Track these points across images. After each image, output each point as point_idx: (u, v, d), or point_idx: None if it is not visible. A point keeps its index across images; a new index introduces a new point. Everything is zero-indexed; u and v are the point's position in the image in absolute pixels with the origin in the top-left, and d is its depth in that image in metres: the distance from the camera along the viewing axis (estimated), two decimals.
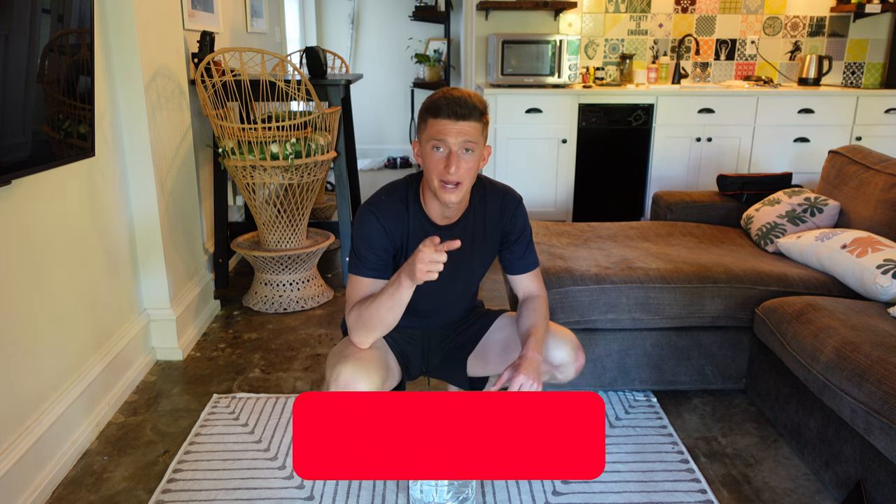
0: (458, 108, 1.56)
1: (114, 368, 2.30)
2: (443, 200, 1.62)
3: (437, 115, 1.57)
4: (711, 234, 2.82)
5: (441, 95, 1.59)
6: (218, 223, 3.31)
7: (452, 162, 1.56)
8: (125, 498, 1.85)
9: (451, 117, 1.56)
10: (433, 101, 1.59)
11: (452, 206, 1.65)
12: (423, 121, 1.61)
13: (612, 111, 4.17)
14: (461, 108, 1.56)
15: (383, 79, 6.84)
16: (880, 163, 2.60)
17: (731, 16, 4.56)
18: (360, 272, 1.68)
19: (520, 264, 1.83)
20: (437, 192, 1.61)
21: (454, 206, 1.65)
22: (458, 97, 1.57)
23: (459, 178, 1.59)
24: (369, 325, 1.63)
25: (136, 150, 2.47)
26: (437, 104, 1.58)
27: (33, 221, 1.89)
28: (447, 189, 1.60)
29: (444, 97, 1.58)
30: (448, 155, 1.57)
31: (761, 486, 1.92)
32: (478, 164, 1.63)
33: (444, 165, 1.58)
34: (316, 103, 2.92)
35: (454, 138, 1.56)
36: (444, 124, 1.56)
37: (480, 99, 1.60)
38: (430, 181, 1.62)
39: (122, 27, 2.34)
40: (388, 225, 1.67)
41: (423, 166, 1.64)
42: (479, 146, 1.60)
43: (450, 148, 1.57)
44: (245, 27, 4.12)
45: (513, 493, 1.85)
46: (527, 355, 1.63)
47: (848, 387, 1.71)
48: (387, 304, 1.59)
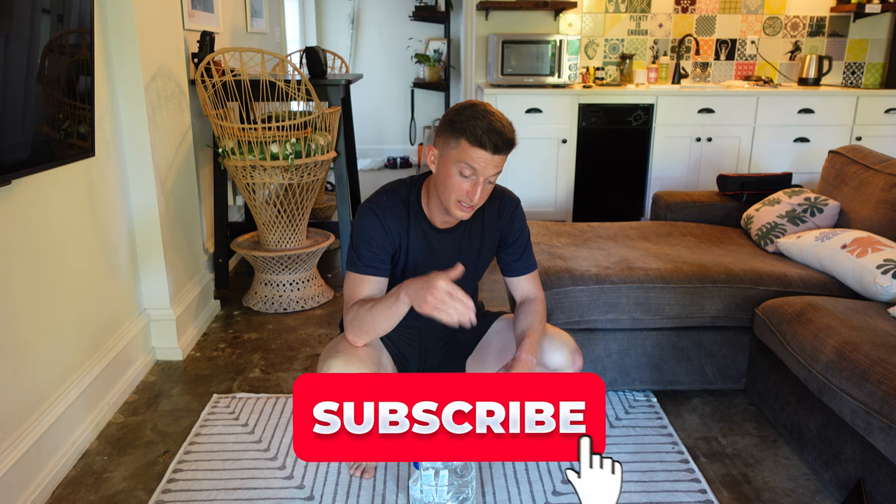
0: (500, 143, 1.52)
1: (114, 368, 2.30)
2: (454, 216, 1.63)
3: (476, 143, 1.52)
4: (711, 234, 2.82)
5: (485, 123, 1.52)
6: (218, 223, 3.31)
7: (477, 190, 1.56)
8: (125, 498, 1.85)
9: (488, 149, 1.51)
10: (473, 126, 1.52)
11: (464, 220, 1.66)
12: (454, 139, 1.55)
13: (612, 111, 4.17)
14: (502, 143, 1.52)
15: (383, 79, 6.84)
16: (880, 163, 2.60)
17: (731, 16, 4.56)
18: (358, 269, 1.68)
19: (517, 266, 1.83)
20: (451, 209, 1.61)
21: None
22: (500, 130, 1.52)
23: (481, 204, 1.60)
24: (364, 328, 1.63)
25: (136, 150, 2.47)
26: (477, 132, 1.51)
27: (33, 221, 1.89)
28: (464, 209, 1.60)
29: (488, 126, 1.51)
30: (475, 183, 1.56)
31: (761, 486, 1.92)
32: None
33: (467, 191, 1.57)
34: (316, 103, 2.92)
35: (485, 171, 1.54)
36: (481, 155, 1.52)
37: (513, 131, 1.56)
38: (444, 197, 1.61)
39: (122, 27, 2.34)
40: (388, 225, 1.68)
41: (438, 178, 1.61)
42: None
43: (479, 177, 1.55)
44: (245, 27, 4.12)
45: (513, 493, 1.85)
46: (520, 357, 1.63)
47: (848, 387, 1.71)
48: (384, 314, 1.58)
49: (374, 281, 1.69)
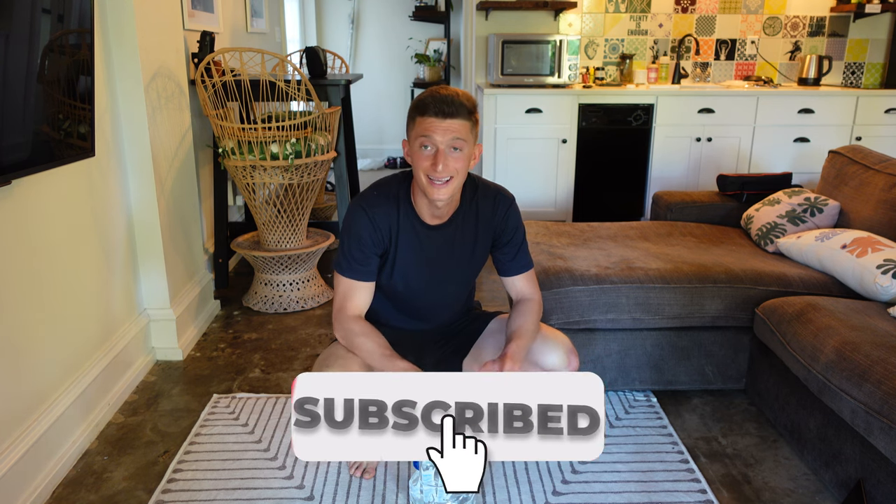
0: (446, 107, 1.55)
1: (114, 368, 2.30)
2: (430, 198, 1.62)
3: (425, 113, 1.57)
4: (711, 234, 2.81)
5: (429, 94, 1.59)
6: (218, 223, 3.31)
7: (440, 160, 1.56)
8: (125, 498, 1.85)
9: (437, 115, 1.55)
10: (421, 100, 1.59)
11: (441, 203, 1.64)
12: (411, 119, 1.62)
13: (612, 111, 4.17)
14: (448, 107, 1.55)
15: (383, 79, 6.84)
16: (880, 163, 2.60)
17: (731, 16, 4.56)
18: (347, 273, 1.69)
19: (512, 266, 1.82)
20: (426, 190, 1.61)
21: (443, 204, 1.65)
22: (445, 95, 1.57)
23: (448, 175, 1.59)
24: (354, 349, 1.67)
25: (136, 150, 2.47)
26: (424, 102, 1.58)
27: (33, 221, 1.89)
28: (435, 186, 1.59)
29: (431, 95, 1.58)
30: (435, 153, 1.57)
31: (761, 486, 1.92)
32: (467, 163, 1.63)
33: (430, 163, 1.57)
34: (316, 103, 2.92)
35: (441, 136, 1.56)
36: (430, 122, 1.56)
37: (469, 97, 1.60)
38: (418, 179, 1.62)
39: (122, 27, 2.34)
40: (377, 221, 1.67)
41: (411, 165, 1.64)
42: (468, 144, 1.60)
43: (437, 146, 1.57)
44: (245, 27, 4.12)
45: (513, 493, 1.85)
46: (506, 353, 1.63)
47: (848, 387, 1.71)
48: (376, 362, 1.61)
49: (365, 288, 1.71)
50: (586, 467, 1.95)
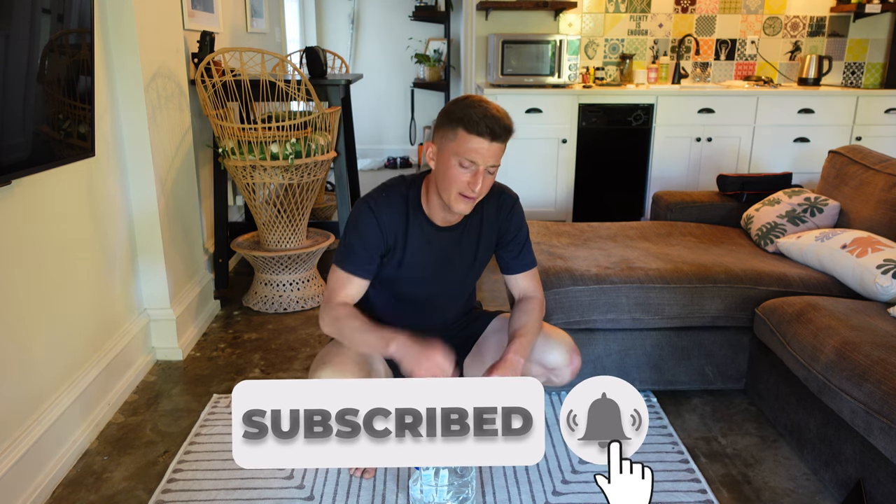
0: (496, 128, 1.51)
1: (114, 368, 2.30)
2: (455, 210, 1.62)
3: (473, 130, 1.51)
4: (711, 234, 2.81)
5: (476, 110, 1.52)
6: (218, 223, 3.31)
7: (478, 180, 1.55)
8: (125, 498, 1.85)
9: (485, 136, 1.51)
10: (469, 114, 1.52)
11: (464, 215, 1.65)
12: (451, 130, 1.54)
13: (612, 111, 4.17)
14: (499, 129, 1.52)
15: (383, 79, 6.83)
16: (880, 163, 2.60)
17: (731, 16, 4.56)
18: (346, 268, 1.69)
19: (516, 264, 1.82)
20: (452, 203, 1.60)
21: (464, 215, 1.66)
22: (495, 116, 1.52)
23: (482, 195, 1.60)
24: (342, 337, 1.66)
25: (136, 150, 2.47)
26: (473, 119, 1.51)
27: (33, 221, 1.89)
28: (465, 201, 1.59)
29: (480, 112, 1.51)
30: (475, 173, 1.55)
31: (761, 486, 1.92)
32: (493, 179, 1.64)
33: (467, 182, 1.56)
34: (316, 103, 2.92)
35: (484, 160, 1.54)
36: (478, 143, 1.51)
37: (510, 120, 1.56)
38: (445, 191, 1.60)
39: (122, 27, 2.34)
40: (383, 222, 1.67)
41: (438, 173, 1.61)
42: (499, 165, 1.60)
43: (478, 167, 1.55)
44: (245, 27, 4.12)
45: (513, 493, 1.85)
46: (506, 357, 1.63)
47: (848, 387, 1.71)
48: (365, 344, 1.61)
49: (358, 283, 1.70)
50: (586, 467, 1.95)
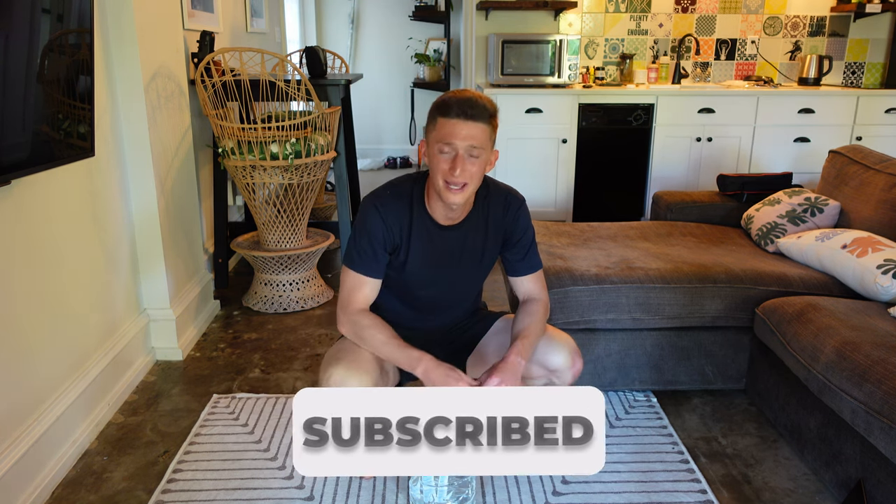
0: (468, 109, 1.55)
1: (114, 368, 2.30)
2: (446, 201, 1.62)
3: (447, 113, 1.56)
4: (711, 234, 2.81)
5: (452, 95, 1.59)
6: (218, 223, 3.31)
7: (458, 164, 1.56)
8: (125, 498, 1.85)
9: (459, 116, 1.55)
10: (443, 101, 1.59)
11: (456, 207, 1.65)
12: (432, 120, 1.61)
13: (612, 111, 4.17)
14: (471, 109, 1.55)
15: (383, 79, 6.83)
16: (880, 163, 2.60)
17: (731, 16, 4.56)
18: (356, 268, 1.70)
19: (521, 266, 1.83)
20: (441, 193, 1.61)
21: (458, 207, 1.66)
22: (468, 97, 1.57)
23: (464, 181, 1.59)
24: (365, 343, 1.68)
25: (136, 150, 2.47)
26: (447, 103, 1.57)
27: (33, 221, 1.89)
28: (451, 190, 1.60)
29: (454, 97, 1.58)
30: (454, 157, 1.57)
31: (761, 486, 1.92)
32: (483, 169, 1.63)
33: (449, 167, 1.57)
34: (316, 103, 2.92)
35: (462, 141, 1.56)
36: (452, 125, 1.56)
37: (491, 102, 1.60)
38: (434, 182, 1.62)
39: (122, 27, 2.33)
40: (389, 220, 1.68)
41: (430, 167, 1.64)
42: (485, 151, 1.60)
43: (456, 150, 1.57)
44: (245, 27, 4.12)
45: (513, 493, 1.85)
46: (507, 359, 1.63)
47: (848, 387, 1.71)
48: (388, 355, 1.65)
49: (372, 284, 1.71)
50: None
